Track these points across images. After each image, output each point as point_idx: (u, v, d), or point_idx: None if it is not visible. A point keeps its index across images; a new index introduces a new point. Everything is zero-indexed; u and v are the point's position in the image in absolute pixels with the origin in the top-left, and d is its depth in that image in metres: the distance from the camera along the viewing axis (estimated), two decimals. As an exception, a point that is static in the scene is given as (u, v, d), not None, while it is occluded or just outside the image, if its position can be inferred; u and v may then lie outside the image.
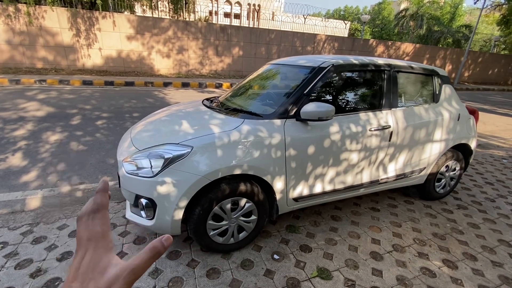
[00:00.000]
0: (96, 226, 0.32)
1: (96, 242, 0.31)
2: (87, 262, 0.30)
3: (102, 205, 0.33)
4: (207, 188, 1.71)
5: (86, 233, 0.32)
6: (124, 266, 0.30)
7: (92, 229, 0.32)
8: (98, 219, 0.32)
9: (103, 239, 0.32)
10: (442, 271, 1.92)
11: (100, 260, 0.31)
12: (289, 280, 1.76)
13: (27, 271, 1.75)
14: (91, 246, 0.31)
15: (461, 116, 2.63)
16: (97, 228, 0.32)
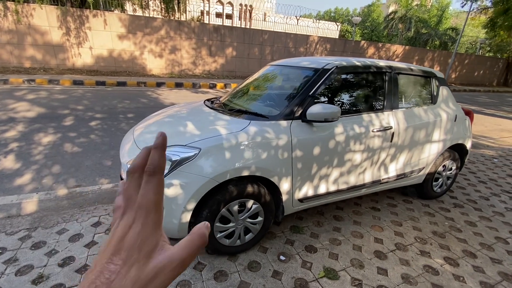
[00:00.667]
0: (149, 193, 0.27)
1: (147, 212, 0.26)
2: (134, 236, 0.25)
3: (160, 167, 0.28)
4: (215, 190, 1.69)
5: (136, 196, 0.27)
6: (173, 256, 0.26)
7: (144, 196, 0.27)
8: (152, 184, 0.27)
9: (155, 210, 0.27)
10: (444, 268, 1.96)
11: (148, 239, 0.26)
12: (297, 281, 1.76)
13: (29, 277, 1.70)
14: (141, 215, 0.26)
15: (457, 117, 2.71)
16: (151, 195, 0.27)
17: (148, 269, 0.25)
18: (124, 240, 0.25)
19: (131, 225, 0.26)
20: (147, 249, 0.25)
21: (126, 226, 0.26)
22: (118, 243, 0.25)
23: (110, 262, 0.24)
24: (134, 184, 0.28)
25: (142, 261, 0.25)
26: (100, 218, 2.30)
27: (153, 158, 0.28)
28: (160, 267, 0.25)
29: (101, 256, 0.25)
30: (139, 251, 0.25)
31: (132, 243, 0.25)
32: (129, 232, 0.26)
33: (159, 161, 0.28)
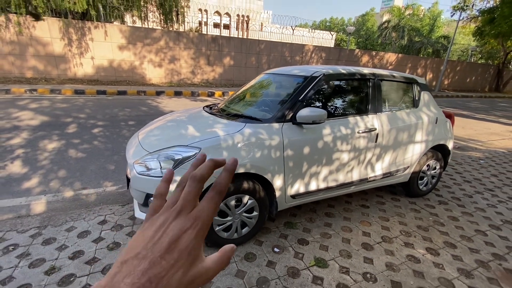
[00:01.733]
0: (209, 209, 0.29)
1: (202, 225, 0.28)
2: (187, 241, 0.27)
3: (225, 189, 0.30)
4: (213, 186, 1.86)
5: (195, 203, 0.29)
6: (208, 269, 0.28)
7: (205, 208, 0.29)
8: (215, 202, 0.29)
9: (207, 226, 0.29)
10: (425, 257, 2.13)
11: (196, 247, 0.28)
12: (290, 269, 1.92)
13: (41, 269, 1.84)
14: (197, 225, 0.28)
15: (438, 119, 2.91)
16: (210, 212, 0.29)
17: (190, 274, 0.27)
18: (178, 241, 0.27)
19: (186, 230, 0.27)
20: (193, 256, 0.27)
21: (181, 229, 0.27)
22: (173, 243, 0.26)
23: (163, 259, 0.25)
24: (195, 192, 0.29)
25: (188, 266, 0.27)
26: (106, 217, 2.45)
27: (223, 179, 0.30)
28: (198, 275, 0.27)
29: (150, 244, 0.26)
30: (188, 256, 0.27)
31: (185, 247, 0.27)
32: (183, 236, 0.27)
33: (227, 182, 0.30)
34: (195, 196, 0.29)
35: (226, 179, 0.30)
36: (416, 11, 33.62)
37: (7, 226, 2.28)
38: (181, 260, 0.26)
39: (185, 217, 0.28)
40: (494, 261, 2.16)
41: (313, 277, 1.86)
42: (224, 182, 0.30)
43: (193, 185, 0.29)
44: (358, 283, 1.84)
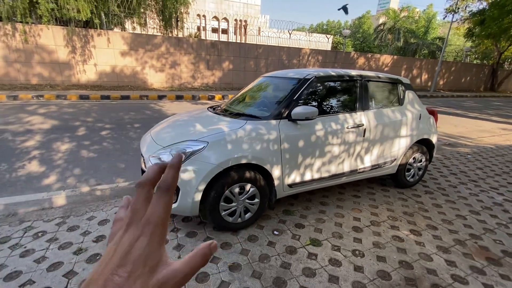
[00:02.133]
0: (159, 209, 0.27)
1: (155, 228, 0.27)
2: (139, 250, 0.26)
3: (173, 185, 0.28)
4: (220, 175, 2.13)
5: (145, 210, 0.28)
6: (176, 270, 0.27)
7: (154, 211, 0.27)
8: (163, 201, 0.28)
9: (162, 227, 0.27)
10: (408, 237, 2.39)
11: (153, 253, 0.26)
12: (288, 248, 2.18)
13: (70, 250, 2.10)
14: (148, 230, 0.27)
15: (422, 115, 3.19)
16: (161, 211, 0.27)
17: (152, 282, 0.25)
18: (130, 253, 0.25)
19: (137, 239, 0.26)
20: (151, 264, 0.26)
21: (132, 240, 0.26)
22: (124, 256, 0.25)
23: (115, 274, 0.24)
24: (142, 198, 0.28)
25: (147, 275, 0.25)
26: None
27: (167, 176, 0.28)
28: (163, 282, 0.26)
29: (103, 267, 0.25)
30: (144, 265, 0.25)
31: (138, 257, 0.25)
32: (135, 245, 0.26)
33: (173, 179, 0.28)
34: (143, 203, 0.28)
35: (170, 175, 0.28)
36: (411, 13, 34.19)
37: (34, 216, 2.54)
38: (136, 270, 0.25)
39: (135, 226, 0.27)
40: (471, 240, 2.42)
41: (309, 254, 2.12)
42: (168, 179, 0.28)
43: (138, 191, 0.28)
44: (347, 258, 2.10)
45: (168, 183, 0.28)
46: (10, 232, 2.29)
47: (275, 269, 1.95)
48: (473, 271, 2.02)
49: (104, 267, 0.25)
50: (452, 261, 2.12)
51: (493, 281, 1.94)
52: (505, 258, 2.19)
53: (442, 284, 1.88)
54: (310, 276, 1.89)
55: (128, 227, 0.27)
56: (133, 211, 0.28)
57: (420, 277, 1.94)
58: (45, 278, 1.82)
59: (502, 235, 2.51)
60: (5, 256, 2.01)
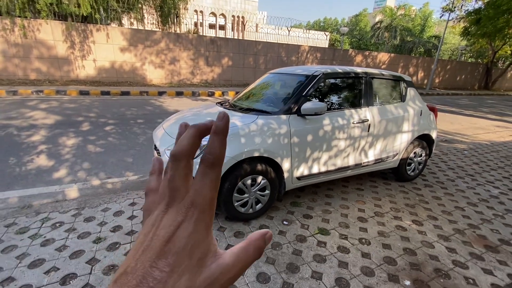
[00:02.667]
0: (205, 188, 0.22)
1: (201, 211, 0.22)
2: (184, 239, 0.21)
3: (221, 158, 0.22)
4: (233, 167, 2.22)
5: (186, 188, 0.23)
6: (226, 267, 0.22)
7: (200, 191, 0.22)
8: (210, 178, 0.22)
9: (209, 210, 0.22)
10: (411, 227, 2.52)
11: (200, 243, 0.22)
12: (298, 236, 2.29)
13: (89, 239, 2.18)
14: (194, 214, 0.22)
15: (423, 112, 3.32)
16: (207, 191, 0.22)
17: (200, 280, 0.21)
18: (171, 241, 0.21)
19: (179, 225, 0.22)
20: (199, 255, 0.22)
21: (173, 225, 0.22)
22: (165, 245, 0.21)
23: (155, 267, 0.20)
24: (180, 173, 0.23)
25: (194, 270, 0.21)
26: (134, 199, 2.79)
27: (213, 146, 0.22)
28: (213, 278, 0.21)
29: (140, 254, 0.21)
30: (190, 257, 0.21)
31: (183, 247, 0.21)
32: (177, 233, 0.21)
33: (221, 150, 0.23)
34: (182, 179, 0.23)
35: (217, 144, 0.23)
36: (408, 11, 34.43)
37: (49, 208, 2.61)
38: (180, 264, 0.21)
39: (176, 209, 0.22)
40: (469, 229, 2.56)
41: (318, 242, 2.23)
42: (215, 150, 0.22)
43: (175, 165, 0.23)
44: (355, 246, 2.22)
45: (215, 155, 0.22)
46: (28, 223, 2.36)
47: (288, 255, 2.06)
48: (473, 257, 2.16)
49: (140, 255, 0.21)
50: (453, 248, 2.25)
51: (491, 266, 2.08)
52: (502, 246, 2.33)
53: (444, 269, 2.01)
54: (321, 262, 2.00)
55: (168, 207, 0.23)
56: (172, 188, 0.23)
57: (423, 262, 2.06)
58: (69, 265, 1.90)
59: (499, 225, 2.66)
60: (27, 246, 2.08)
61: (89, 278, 1.80)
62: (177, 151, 0.23)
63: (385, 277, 1.90)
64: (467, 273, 1.99)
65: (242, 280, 1.81)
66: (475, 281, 1.92)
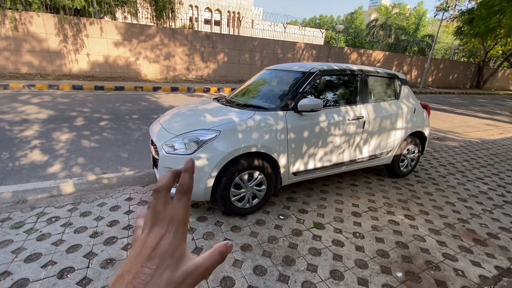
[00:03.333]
0: (180, 210, 0.31)
1: (178, 225, 0.30)
2: (166, 245, 0.29)
3: (189, 187, 0.31)
4: (231, 162, 2.24)
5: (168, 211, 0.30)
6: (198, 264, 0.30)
7: (176, 211, 0.30)
8: (183, 202, 0.31)
9: (183, 225, 0.30)
10: (403, 221, 2.59)
11: (178, 248, 0.30)
12: (294, 230, 2.33)
13: (86, 234, 2.18)
14: (172, 228, 0.30)
15: (416, 109, 3.38)
16: (182, 211, 0.31)
17: (179, 273, 0.28)
18: (157, 248, 0.29)
19: (163, 236, 0.29)
20: (177, 256, 0.29)
21: (158, 237, 0.29)
22: (152, 251, 0.28)
23: (145, 266, 0.27)
24: (161, 202, 0.31)
25: (174, 266, 0.29)
26: (131, 195, 2.79)
27: (184, 180, 0.31)
28: (188, 272, 0.29)
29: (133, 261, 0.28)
30: (171, 257, 0.29)
31: (165, 251, 0.29)
32: (161, 241, 0.29)
33: (189, 182, 0.31)
34: (163, 205, 0.30)
35: (187, 179, 0.31)
36: (403, 10, 34.66)
37: (44, 203, 2.59)
38: (164, 262, 0.28)
39: (159, 226, 0.30)
40: (459, 223, 2.64)
41: (313, 236, 2.28)
42: (186, 182, 0.31)
43: (157, 197, 0.31)
44: (349, 239, 2.27)
45: (186, 186, 0.31)
46: (23, 218, 2.34)
47: (284, 249, 2.10)
48: (462, 250, 2.23)
49: (133, 261, 0.28)
50: (443, 241, 2.33)
51: (480, 258, 2.16)
52: (490, 239, 2.42)
53: (434, 261, 2.08)
54: (316, 255, 2.05)
55: (152, 227, 0.30)
56: (155, 213, 0.30)
57: (415, 255, 2.13)
58: (66, 259, 1.91)
59: (487, 219, 2.74)
60: (22, 240, 2.08)
61: (87, 271, 1.81)
62: (158, 186, 0.31)
63: (378, 269, 1.96)
64: (457, 265, 2.06)
65: (239, 273, 1.85)
66: (464, 272, 1.99)
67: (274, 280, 1.80)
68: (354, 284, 1.82)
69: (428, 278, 1.91)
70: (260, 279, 1.81)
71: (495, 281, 1.93)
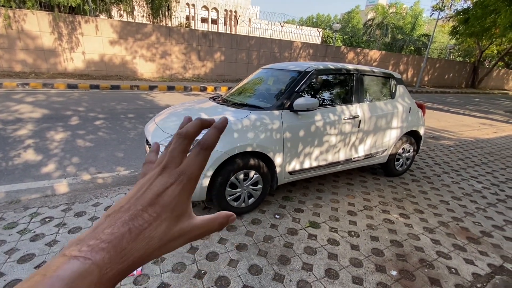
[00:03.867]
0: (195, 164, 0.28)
1: (188, 180, 0.28)
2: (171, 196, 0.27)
3: (213, 144, 0.29)
4: (226, 162, 2.24)
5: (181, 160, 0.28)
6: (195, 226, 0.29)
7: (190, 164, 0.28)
8: (201, 158, 0.28)
9: (194, 182, 0.28)
10: (398, 220, 2.60)
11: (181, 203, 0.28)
12: (289, 229, 2.34)
13: (80, 234, 2.16)
14: (182, 181, 0.27)
15: (411, 109, 3.40)
16: (196, 167, 0.28)
17: (175, 229, 0.27)
18: (161, 196, 0.26)
19: (170, 185, 0.27)
20: (178, 212, 0.27)
21: (164, 184, 0.27)
22: (155, 197, 0.26)
23: (145, 211, 0.25)
24: (180, 148, 0.28)
25: (172, 221, 0.27)
26: (126, 194, 2.77)
27: (210, 135, 0.29)
28: (184, 231, 0.28)
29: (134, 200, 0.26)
30: (172, 211, 0.27)
31: (168, 202, 0.26)
32: (167, 191, 0.27)
33: (214, 139, 0.29)
34: (180, 153, 0.28)
35: (213, 136, 0.29)
36: (399, 9, 34.80)
37: (38, 203, 2.57)
38: (164, 214, 0.26)
39: (169, 173, 0.28)
40: (453, 222, 2.66)
41: (309, 235, 2.28)
42: (211, 138, 0.29)
43: (178, 142, 0.29)
44: (344, 238, 2.28)
45: (209, 142, 0.29)
46: (16, 218, 2.32)
47: (279, 248, 2.10)
48: (455, 248, 2.25)
49: (135, 200, 0.26)
50: (437, 240, 2.35)
51: (473, 256, 2.18)
52: (484, 238, 2.44)
53: (429, 259, 2.10)
54: (312, 254, 2.05)
55: (163, 171, 0.28)
56: (170, 157, 0.28)
57: (409, 254, 2.14)
58: (60, 259, 1.89)
59: (481, 218, 2.77)
60: (15, 241, 2.05)
61: (81, 272, 1.79)
62: (183, 131, 0.29)
63: (373, 268, 1.97)
64: (450, 263, 2.08)
65: (234, 273, 1.84)
66: (458, 270, 2.01)
67: (269, 280, 1.80)
68: (349, 282, 1.82)
69: (422, 276, 1.93)
70: (256, 278, 1.81)
71: (487, 279, 1.96)
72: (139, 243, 0.24)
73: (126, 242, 0.24)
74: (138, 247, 0.24)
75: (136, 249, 0.24)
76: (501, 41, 18.60)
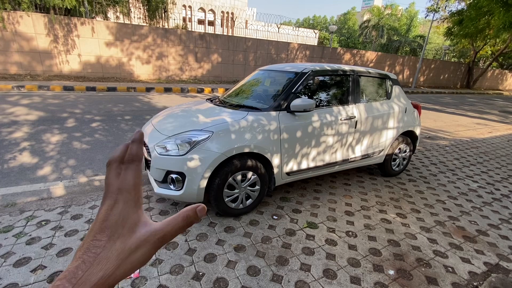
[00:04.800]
0: (128, 177, 0.30)
1: (127, 194, 0.29)
2: (116, 215, 0.28)
3: (138, 156, 0.31)
4: (224, 163, 2.24)
5: (116, 182, 0.30)
6: (155, 230, 0.29)
7: (124, 180, 0.29)
8: (131, 170, 0.30)
9: (134, 192, 0.30)
10: (395, 220, 2.62)
11: (130, 216, 0.29)
12: (287, 230, 2.34)
13: (77, 237, 2.15)
14: (121, 198, 0.29)
15: (407, 109, 3.43)
16: (130, 179, 0.30)
17: (131, 241, 0.28)
18: (107, 220, 0.28)
19: (112, 207, 0.28)
20: (130, 224, 0.28)
21: (107, 209, 0.28)
22: (102, 223, 0.28)
23: (95, 239, 0.27)
24: (113, 174, 0.30)
25: (127, 235, 0.28)
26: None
27: (131, 149, 0.31)
28: (142, 239, 0.28)
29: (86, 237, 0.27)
30: (122, 227, 0.28)
31: (115, 221, 0.28)
32: (111, 212, 0.28)
33: (137, 151, 0.31)
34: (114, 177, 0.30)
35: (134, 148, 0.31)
36: (395, 11, 35.08)
37: (34, 206, 2.55)
38: (115, 233, 0.27)
39: (109, 197, 0.29)
40: (449, 221, 2.68)
41: (307, 235, 2.29)
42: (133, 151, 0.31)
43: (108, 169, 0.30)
44: (342, 238, 2.29)
45: (132, 155, 0.31)
46: (12, 221, 2.30)
47: (277, 249, 2.10)
48: (452, 247, 2.27)
49: (87, 234, 0.28)
50: (434, 239, 2.36)
51: (469, 255, 2.20)
52: (479, 236, 2.46)
53: (425, 258, 2.11)
54: (310, 254, 2.06)
55: (104, 199, 0.29)
56: (106, 185, 0.30)
57: (406, 253, 2.16)
58: (56, 263, 1.88)
59: (477, 217, 2.80)
60: (11, 244, 2.03)
61: (78, 275, 1.78)
62: (110, 159, 0.31)
63: (371, 268, 1.98)
64: (447, 262, 2.10)
65: (232, 274, 1.84)
66: (454, 269, 2.03)
67: (267, 280, 1.81)
68: (347, 282, 1.83)
69: (419, 275, 1.94)
70: (254, 279, 1.81)
71: (484, 277, 1.97)
72: (96, 267, 0.25)
73: (82, 271, 0.25)
74: (95, 271, 0.25)
75: (93, 273, 0.25)
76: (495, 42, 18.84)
